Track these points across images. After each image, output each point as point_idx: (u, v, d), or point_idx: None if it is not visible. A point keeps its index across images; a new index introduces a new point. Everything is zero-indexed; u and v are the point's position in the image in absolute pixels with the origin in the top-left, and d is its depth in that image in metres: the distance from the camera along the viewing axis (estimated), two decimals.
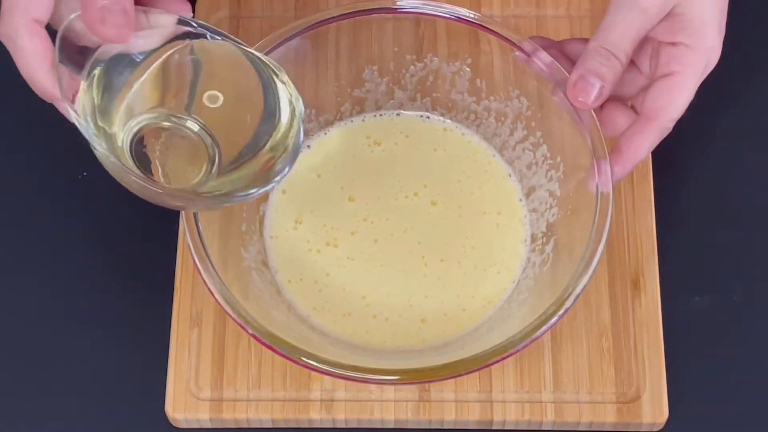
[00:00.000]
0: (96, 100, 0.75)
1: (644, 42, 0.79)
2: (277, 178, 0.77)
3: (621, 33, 0.77)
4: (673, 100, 0.77)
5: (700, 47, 0.77)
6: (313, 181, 0.89)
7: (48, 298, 0.88)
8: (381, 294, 0.85)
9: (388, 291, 0.85)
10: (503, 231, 0.87)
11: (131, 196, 0.90)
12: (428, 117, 0.90)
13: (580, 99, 0.78)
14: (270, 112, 0.78)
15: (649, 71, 0.80)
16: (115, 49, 0.74)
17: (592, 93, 0.78)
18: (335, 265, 0.86)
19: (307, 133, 0.89)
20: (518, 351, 0.76)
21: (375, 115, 0.90)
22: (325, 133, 0.90)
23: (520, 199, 0.88)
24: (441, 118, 0.90)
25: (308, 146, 0.89)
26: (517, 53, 0.83)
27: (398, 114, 0.90)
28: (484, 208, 0.88)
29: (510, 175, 0.88)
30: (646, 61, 0.80)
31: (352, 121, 0.90)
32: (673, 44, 0.77)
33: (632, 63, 0.80)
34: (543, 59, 0.82)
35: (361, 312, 0.85)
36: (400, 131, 0.90)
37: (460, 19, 0.84)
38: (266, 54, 0.82)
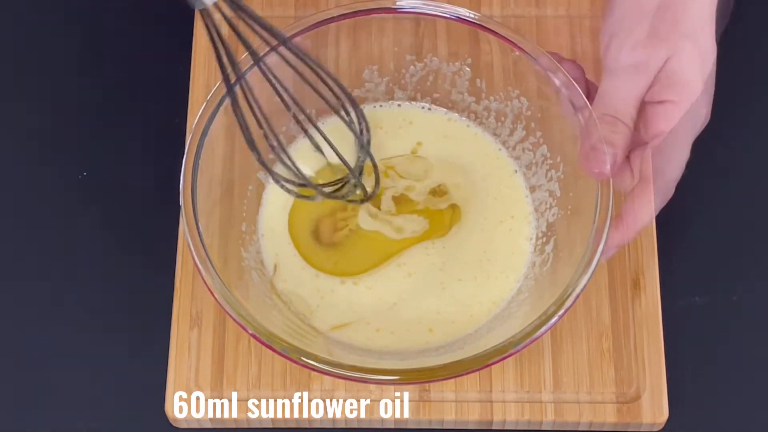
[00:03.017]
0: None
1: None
2: None
3: (622, 97, 0.76)
4: (667, 160, 0.76)
5: (687, 104, 0.76)
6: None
7: (48, 297, 0.88)
8: (387, 311, 0.85)
9: (399, 309, 0.85)
10: (511, 229, 0.87)
11: (131, 196, 0.91)
12: (429, 108, 0.90)
13: (596, 170, 0.77)
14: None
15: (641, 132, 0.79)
16: None
17: (606, 161, 0.77)
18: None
19: (306, 132, 0.89)
20: (518, 351, 0.76)
21: (374, 106, 0.90)
22: (323, 124, 0.89)
23: (527, 196, 0.88)
24: (443, 109, 0.90)
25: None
26: (517, 53, 0.83)
27: (399, 105, 0.90)
28: (494, 206, 0.87)
29: (516, 171, 0.88)
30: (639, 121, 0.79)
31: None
32: (660, 103, 0.76)
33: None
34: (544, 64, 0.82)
35: (362, 327, 0.84)
36: (403, 118, 0.90)
37: (460, 19, 0.84)
38: (266, 54, 0.82)
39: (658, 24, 0.76)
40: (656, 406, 0.83)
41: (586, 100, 0.80)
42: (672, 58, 0.75)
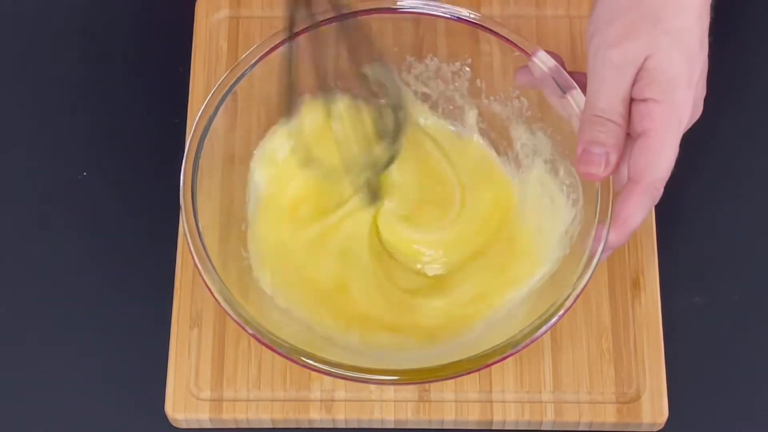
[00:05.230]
0: None
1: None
2: None
3: (606, 96, 0.76)
4: (653, 159, 0.75)
5: (669, 102, 0.75)
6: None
7: (48, 298, 0.88)
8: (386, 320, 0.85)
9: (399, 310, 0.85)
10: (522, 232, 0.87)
11: (131, 196, 0.91)
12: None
13: (591, 171, 0.77)
14: None
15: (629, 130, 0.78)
16: None
17: (600, 162, 0.76)
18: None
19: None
20: (518, 351, 0.76)
21: None
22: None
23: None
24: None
25: None
26: (517, 53, 0.83)
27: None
28: (509, 212, 0.87)
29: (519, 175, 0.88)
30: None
31: None
32: (643, 101, 0.76)
33: None
34: (545, 61, 0.81)
35: (361, 327, 0.84)
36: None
37: (460, 19, 0.84)
38: (266, 54, 0.82)
39: (636, 20, 0.75)
40: (656, 406, 0.83)
41: (576, 104, 0.80)
42: (652, 56, 0.75)
